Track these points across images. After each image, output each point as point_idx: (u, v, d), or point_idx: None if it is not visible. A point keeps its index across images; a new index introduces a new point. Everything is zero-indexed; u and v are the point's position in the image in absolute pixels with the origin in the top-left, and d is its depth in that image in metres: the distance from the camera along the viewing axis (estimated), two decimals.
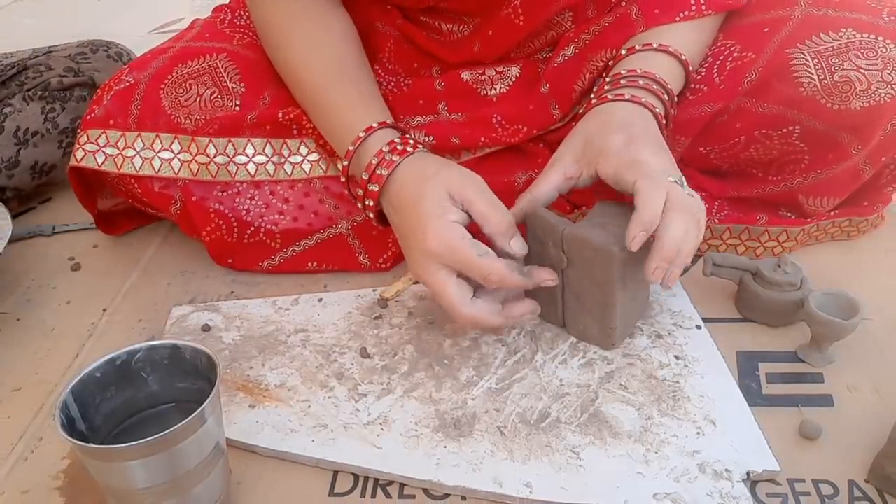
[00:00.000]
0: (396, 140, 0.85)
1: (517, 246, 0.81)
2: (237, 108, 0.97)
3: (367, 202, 0.86)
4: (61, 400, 0.63)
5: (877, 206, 1.04)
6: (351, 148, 0.87)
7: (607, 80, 0.90)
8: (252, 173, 0.97)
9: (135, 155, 0.96)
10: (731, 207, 1.01)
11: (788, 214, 1.02)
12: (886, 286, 0.98)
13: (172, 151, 0.96)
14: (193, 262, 1.06)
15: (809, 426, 0.76)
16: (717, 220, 1.00)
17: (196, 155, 0.96)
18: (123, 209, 1.13)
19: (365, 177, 0.85)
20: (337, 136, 0.91)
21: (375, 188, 0.84)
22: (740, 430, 0.76)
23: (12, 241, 0.97)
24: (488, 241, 0.80)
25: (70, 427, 0.64)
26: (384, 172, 0.83)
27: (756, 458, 0.73)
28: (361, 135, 0.86)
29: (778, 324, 0.91)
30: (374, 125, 0.87)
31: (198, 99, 0.97)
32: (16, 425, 0.83)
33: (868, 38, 0.87)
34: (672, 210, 0.75)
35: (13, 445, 0.80)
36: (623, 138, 0.81)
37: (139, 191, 0.98)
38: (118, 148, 0.96)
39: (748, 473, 0.72)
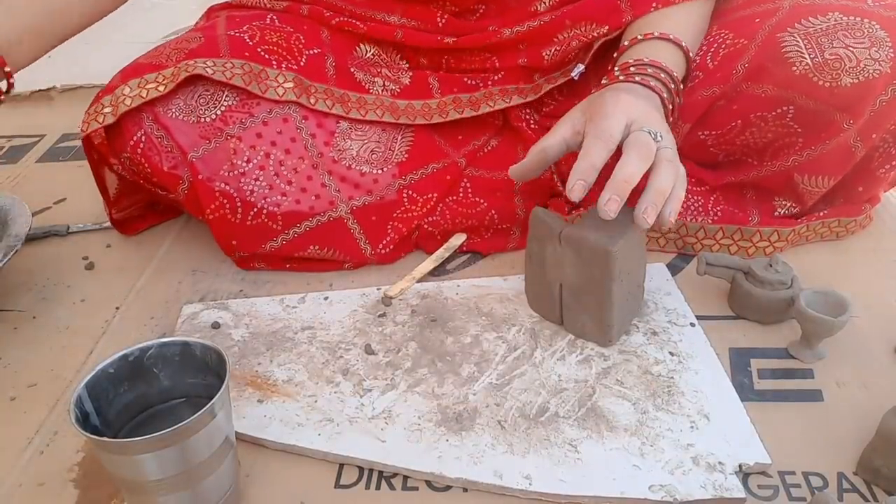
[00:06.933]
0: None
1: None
2: (202, 40, 1.01)
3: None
4: (76, 395, 0.64)
5: (865, 206, 1.05)
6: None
7: (616, 68, 0.93)
8: (228, 78, 0.98)
9: (125, 97, 0.96)
10: (727, 202, 1.03)
11: (784, 202, 1.03)
12: (874, 285, 0.99)
13: (164, 76, 0.97)
14: (203, 262, 1.07)
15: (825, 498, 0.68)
16: (710, 221, 1.02)
17: (181, 70, 0.96)
18: (137, 214, 1.15)
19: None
20: None
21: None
22: (733, 424, 0.77)
23: (28, 240, 0.98)
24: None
25: (84, 421, 0.64)
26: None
27: (748, 451, 0.74)
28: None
29: (769, 321, 0.92)
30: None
31: (186, 48, 1.00)
32: (32, 420, 0.84)
33: (854, 20, 0.89)
34: (627, 152, 0.79)
35: (30, 439, 0.81)
36: (619, 94, 0.84)
37: (149, 170, 0.98)
38: (115, 105, 0.97)
39: (740, 466, 0.73)
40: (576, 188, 0.78)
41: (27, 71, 1.00)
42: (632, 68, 0.91)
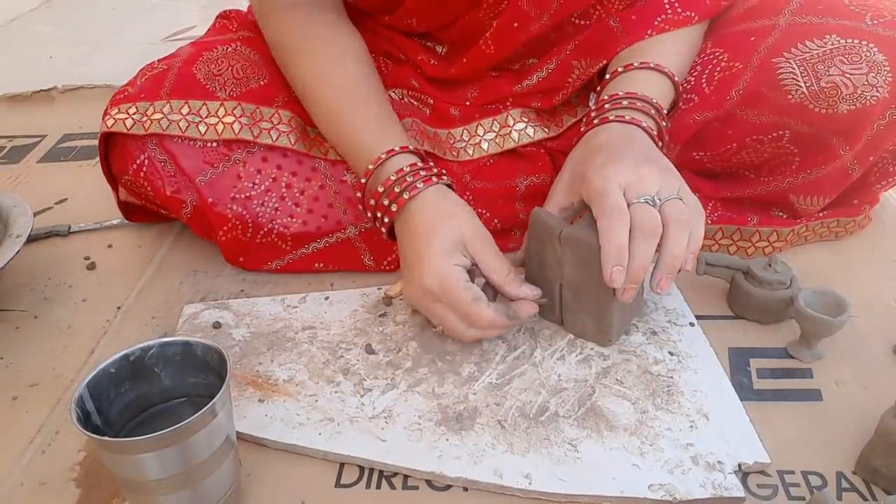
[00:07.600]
0: (419, 164, 0.87)
1: (527, 291, 0.84)
2: (265, 79, 1.00)
3: (380, 216, 0.88)
4: (77, 394, 0.64)
5: (864, 207, 1.05)
6: (371, 167, 0.88)
7: (593, 107, 0.92)
8: (274, 139, 0.98)
9: (162, 118, 0.96)
10: (725, 208, 1.02)
11: (780, 214, 1.03)
12: (873, 284, 1.00)
13: (200, 116, 0.97)
14: (204, 262, 1.07)
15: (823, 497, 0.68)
16: (709, 222, 1.01)
17: (223, 117, 0.97)
18: (140, 204, 1.15)
19: (381, 189, 0.86)
20: (355, 156, 0.93)
21: (394, 208, 0.86)
22: (732, 423, 0.78)
23: (30, 240, 0.98)
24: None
25: (86, 421, 0.64)
26: (406, 196, 0.85)
27: (747, 450, 0.75)
28: (382, 156, 0.87)
29: (768, 321, 0.92)
30: (396, 149, 0.88)
31: (230, 69, 0.99)
32: (34, 419, 0.84)
33: (852, 42, 0.88)
34: (634, 235, 0.77)
35: (31, 439, 0.82)
36: (601, 160, 0.82)
37: (151, 193, 0.99)
38: (147, 115, 0.97)
39: (740, 465, 0.73)
40: (615, 275, 0.76)
41: (27, 71, 1.00)
42: (606, 105, 0.89)
